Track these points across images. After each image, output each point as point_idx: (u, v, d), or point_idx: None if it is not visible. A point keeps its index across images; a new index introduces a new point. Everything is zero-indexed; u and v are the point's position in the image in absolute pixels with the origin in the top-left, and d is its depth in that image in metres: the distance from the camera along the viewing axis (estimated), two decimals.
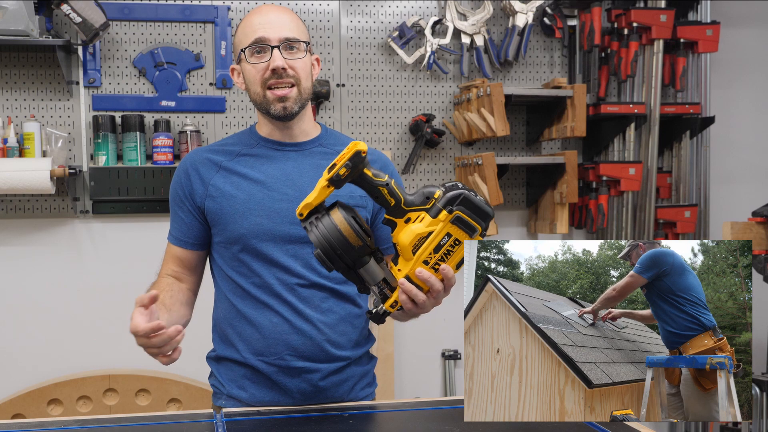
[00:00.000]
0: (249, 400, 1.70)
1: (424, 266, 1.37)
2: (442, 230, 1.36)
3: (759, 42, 3.79)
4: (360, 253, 1.34)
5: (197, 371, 3.03)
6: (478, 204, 1.35)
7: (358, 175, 1.35)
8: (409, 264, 1.37)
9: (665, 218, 3.47)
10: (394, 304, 1.38)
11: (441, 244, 1.36)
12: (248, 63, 1.65)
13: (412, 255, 1.36)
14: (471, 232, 1.36)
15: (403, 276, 1.37)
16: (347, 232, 1.33)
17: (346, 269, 1.36)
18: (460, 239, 1.36)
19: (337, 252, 1.33)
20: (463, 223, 1.35)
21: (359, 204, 1.69)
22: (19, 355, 3.05)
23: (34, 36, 2.81)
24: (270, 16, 1.66)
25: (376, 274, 1.36)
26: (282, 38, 1.64)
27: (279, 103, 1.64)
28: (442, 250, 1.36)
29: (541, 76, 3.48)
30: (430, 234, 1.36)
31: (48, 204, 3.04)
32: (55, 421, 1.60)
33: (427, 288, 1.38)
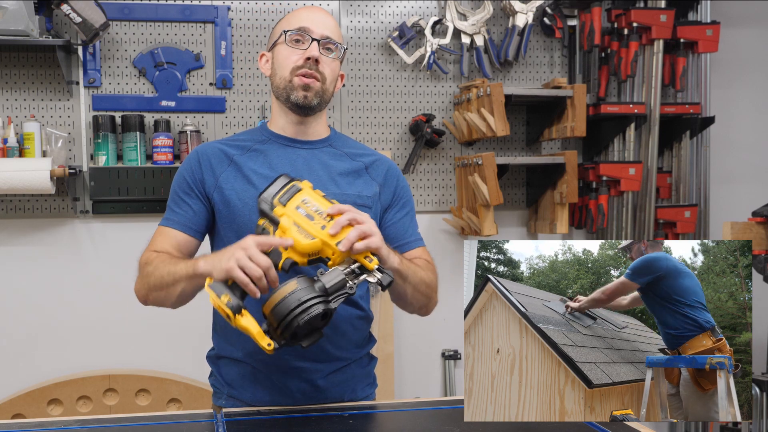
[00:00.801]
0: (249, 400, 1.70)
1: (315, 223, 1.42)
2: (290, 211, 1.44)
3: (759, 42, 3.79)
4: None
5: (197, 371, 3.03)
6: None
7: None
8: (319, 236, 1.40)
9: (665, 218, 3.47)
10: (368, 259, 1.39)
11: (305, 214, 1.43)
12: (286, 45, 1.68)
13: (311, 237, 1.40)
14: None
15: (334, 241, 1.39)
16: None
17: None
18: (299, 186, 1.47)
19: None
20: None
21: (366, 204, 1.71)
22: (19, 355, 3.05)
23: (34, 36, 2.81)
24: (318, 15, 1.72)
25: (339, 279, 1.36)
26: (324, 35, 1.69)
27: (302, 90, 1.67)
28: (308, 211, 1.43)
29: (541, 76, 3.48)
30: (295, 224, 1.41)
31: (48, 204, 3.04)
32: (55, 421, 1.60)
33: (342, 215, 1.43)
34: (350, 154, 1.77)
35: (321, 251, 1.40)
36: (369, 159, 1.78)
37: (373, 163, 1.78)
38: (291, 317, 1.31)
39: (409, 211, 1.79)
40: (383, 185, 1.77)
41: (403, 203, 1.79)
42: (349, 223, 1.41)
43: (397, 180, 1.79)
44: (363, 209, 1.69)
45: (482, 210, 3.17)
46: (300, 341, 1.36)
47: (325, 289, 1.34)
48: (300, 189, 1.45)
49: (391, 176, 1.78)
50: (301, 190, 1.45)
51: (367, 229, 1.41)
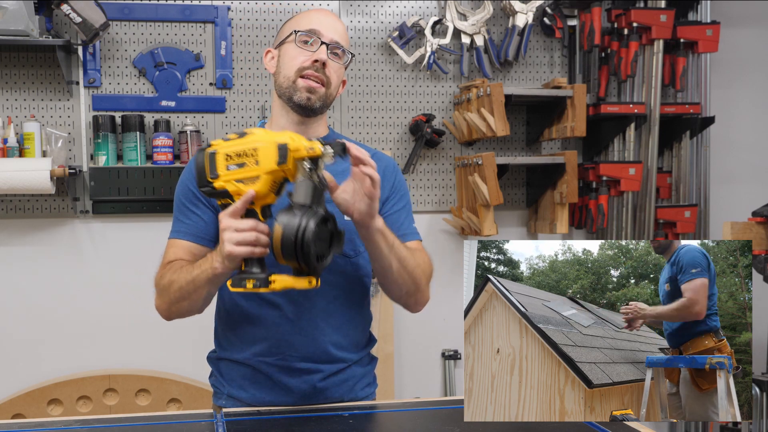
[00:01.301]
0: (249, 400, 1.70)
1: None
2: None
3: (759, 42, 3.79)
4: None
5: (197, 371, 3.03)
6: None
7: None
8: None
9: (665, 218, 3.47)
10: (311, 150, 1.38)
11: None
12: (295, 45, 1.68)
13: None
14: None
15: (274, 163, 1.39)
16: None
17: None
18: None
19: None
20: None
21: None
22: (19, 355, 3.05)
23: (34, 36, 2.81)
24: (330, 19, 1.73)
25: (306, 186, 1.37)
26: (333, 40, 1.69)
27: (306, 92, 1.67)
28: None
29: (541, 76, 3.48)
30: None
31: (48, 204, 3.04)
32: (55, 421, 1.60)
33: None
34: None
35: (274, 180, 1.40)
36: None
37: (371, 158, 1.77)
38: (300, 248, 1.32)
39: (405, 205, 1.80)
40: (382, 180, 1.76)
41: (400, 197, 1.79)
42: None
43: (395, 176, 1.80)
44: None
45: (482, 210, 3.17)
46: (328, 255, 1.39)
47: (302, 204, 1.35)
48: (215, 152, 1.44)
49: (390, 172, 1.79)
50: (216, 152, 1.44)
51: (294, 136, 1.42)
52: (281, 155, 1.36)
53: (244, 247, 1.39)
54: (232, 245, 1.39)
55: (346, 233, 1.67)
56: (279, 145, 1.36)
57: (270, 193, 1.41)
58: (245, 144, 1.41)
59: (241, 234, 1.39)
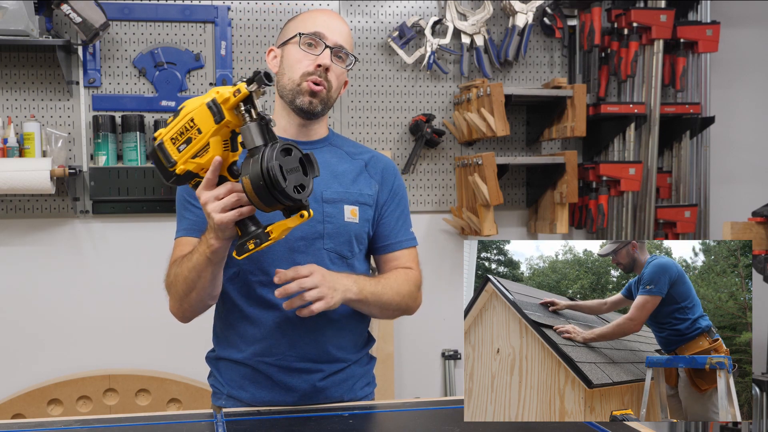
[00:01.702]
0: (249, 400, 1.70)
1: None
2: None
3: (759, 42, 3.79)
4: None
5: (197, 371, 3.03)
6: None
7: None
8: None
9: (665, 218, 3.47)
10: (238, 93, 1.36)
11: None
12: (299, 49, 1.67)
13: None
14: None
15: (212, 127, 1.38)
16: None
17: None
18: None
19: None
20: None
21: (367, 203, 1.73)
22: (19, 355, 3.05)
23: (34, 36, 2.81)
24: (335, 21, 1.71)
25: (251, 129, 1.35)
26: (338, 44, 1.68)
27: (309, 96, 1.66)
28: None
29: (541, 76, 3.48)
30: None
31: (48, 204, 3.04)
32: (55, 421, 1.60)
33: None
34: (349, 152, 1.79)
35: (223, 139, 1.40)
36: (367, 156, 1.79)
37: (371, 161, 1.78)
38: (274, 188, 1.31)
39: (403, 210, 1.80)
40: (381, 183, 1.78)
41: (398, 202, 1.79)
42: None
43: (394, 178, 1.80)
44: (363, 207, 1.71)
45: (482, 210, 3.17)
46: (309, 183, 1.38)
47: (256, 146, 1.33)
48: (162, 141, 1.44)
49: (388, 174, 1.79)
50: (163, 141, 1.44)
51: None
52: (214, 113, 1.35)
53: (231, 211, 1.40)
54: (218, 214, 1.40)
55: (346, 234, 1.68)
56: (208, 105, 1.35)
57: (227, 152, 1.40)
58: (182, 119, 1.40)
59: (222, 201, 1.40)
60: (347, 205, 1.69)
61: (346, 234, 1.69)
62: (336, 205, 1.68)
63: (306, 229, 1.65)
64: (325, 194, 1.68)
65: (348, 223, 1.69)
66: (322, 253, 1.66)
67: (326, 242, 1.67)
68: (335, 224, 1.67)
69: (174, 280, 1.60)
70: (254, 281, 1.66)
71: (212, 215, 1.40)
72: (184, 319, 1.67)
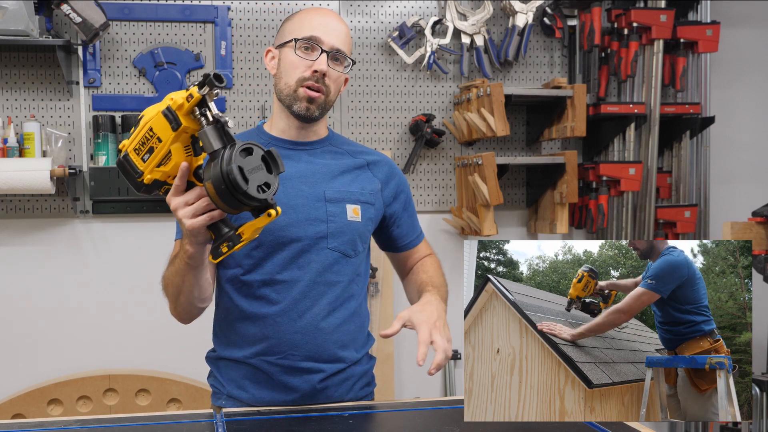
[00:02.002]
0: (249, 400, 1.70)
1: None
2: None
3: (759, 42, 3.79)
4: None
5: (197, 371, 3.03)
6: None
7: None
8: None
9: (665, 218, 3.47)
10: (190, 98, 1.34)
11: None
12: (295, 54, 1.65)
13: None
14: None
15: (171, 135, 1.36)
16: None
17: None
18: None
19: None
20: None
21: (368, 201, 1.73)
22: (19, 355, 3.05)
23: (34, 36, 2.81)
24: (331, 22, 1.68)
25: (209, 133, 1.32)
26: (334, 47, 1.66)
27: (305, 102, 1.65)
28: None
29: (541, 76, 3.48)
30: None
31: (48, 204, 3.04)
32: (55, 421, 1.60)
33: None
34: (350, 151, 1.78)
35: (184, 145, 1.38)
36: (371, 157, 1.79)
37: (376, 162, 1.79)
38: (236, 191, 1.29)
39: (412, 206, 1.86)
40: (385, 183, 1.78)
41: (406, 199, 1.84)
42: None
43: (400, 177, 1.83)
44: (365, 206, 1.72)
45: (482, 210, 3.17)
46: (274, 180, 1.35)
47: (215, 150, 1.31)
48: (126, 153, 1.41)
49: (394, 174, 1.81)
50: (127, 153, 1.41)
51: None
52: (170, 120, 1.33)
53: (201, 216, 1.39)
54: (189, 220, 1.39)
55: (349, 233, 1.68)
56: (164, 113, 1.33)
57: (190, 157, 1.39)
58: (141, 129, 1.38)
59: (193, 206, 1.39)
60: (350, 204, 1.70)
61: (349, 233, 1.69)
62: (338, 204, 1.68)
63: (310, 229, 1.65)
64: (327, 194, 1.68)
65: (351, 222, 1.69)
66: (326, 253, 1.66)
67: (330, 242, 1.67)
68: (338, 223, 1.67)
69: (165, 284, 1.62)
70: (256, 281, 1.66)
71: (183, 221, 1.40)
72: (182, 321, 1.68)
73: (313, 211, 1.66)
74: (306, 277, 1.65)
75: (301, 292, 1.65)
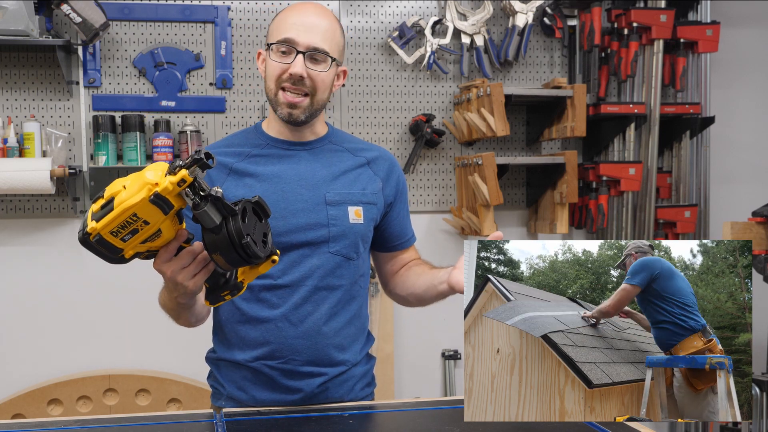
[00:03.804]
0: (249, 401, 1.69)
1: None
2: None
3: (759, 42, 3.79)
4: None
5: (197, 371, 3.03)
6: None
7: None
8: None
9: (665, 218, 3.47)
10: (175, 173, 1.25)
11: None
12: (270, 59, 1.62)
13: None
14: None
15: (152, 212, 1.25)
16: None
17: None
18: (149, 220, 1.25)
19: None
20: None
21: (371, 201, 1.71)
22: (19, 355, 3.05)
23: (34, 36, 2.81)
24: (308, 19, 1.62)
25: (203, 209, 1.26)
26: (310, 46, 1.60)
27: (287, 108, 1.62)
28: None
29: (541, 76, 3.48)
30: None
31: (48, 204, 3.04)
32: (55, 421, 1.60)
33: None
34: (351, 149, 1.75)
35: (172, 221, 1.29)
36: (371, 154, 1.76)
37: (376, 159, 1.76)
38: (247, 256, 1.27)
39: (407, 208, 1.84)
40: (386, 181, 1.76)
41: (404, 200, 1.81)
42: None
43: (400, 176, 1.80)
44: (368, 207, 1.70)
45: (482, 210, 3.17)
46: (268, 230, 1.34)
47: (217, 225, 1.26)
48: (100, 236, 1.27)
49: (395, 172, 1.78)
50: (101, 236, 1.27)
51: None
52: (161, 206, 1.23)
53: (199, 275, 1.34)
54: (190, 280, 1.34)
55: (352, 235, 1.67)
56: (152, 200, 1.22)
57: (177, 228, 1.31)
58: (120, 215, 1.24)
59: (190, 268, 1.33)
60: (351, 206, 1.67)
61: (352, 236, 1.67)
62: (340, 207, 1.66)
63: (311, 234, 1.64)
64: (328, 197, 1.66)
65: (353, 224, 1.67)
66: (328, 257, 1.65)
67: (332, 245, 1.65)
68: (340, 227, 1.66)
69: (162, 306, 1.60)
70: (257, 285, 1.64)
71: (184, 284, 1.34)
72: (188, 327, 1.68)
73: (314, 216, 1.64)
74: (308, 281, 1.64)
75: (303, 296, 1.65)
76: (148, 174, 1.24)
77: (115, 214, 1.24)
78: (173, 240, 1.31)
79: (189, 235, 1.34)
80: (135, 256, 1.32)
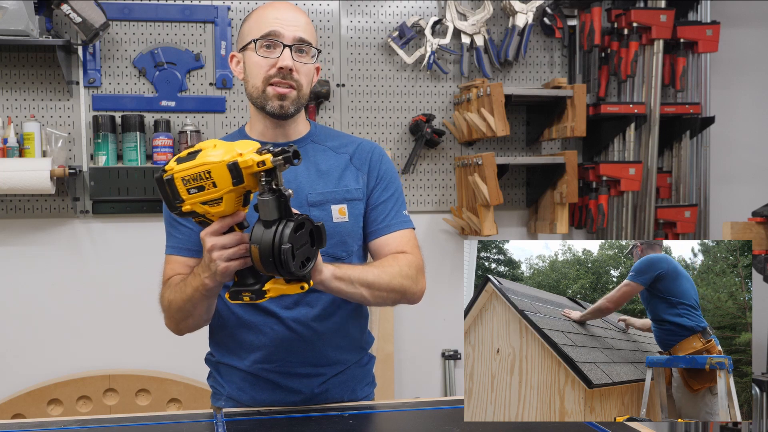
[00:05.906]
0: (249, 402, 1.70)
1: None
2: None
3: (759, 42, 3.79)
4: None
5: (197, 371, 3.02)
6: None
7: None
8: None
9: (665, 218, 3.47)
10: (262, 165, 1.31)
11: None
12: (257, 54, 1.61)
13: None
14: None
15: (230, 185, 1.32)
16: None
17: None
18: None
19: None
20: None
21: (356, 197, 1.69)
22: (19, 355, 3.05)
23: (34, 36, 2.81)
24: (288, 14, 1.63)
25: (269, 202, 1.31)
26: (296, 38, 1.61)
27: (278, 100, 1.61)
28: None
29: (541, 76, 3.48)
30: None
31: (48, 204, 3.04)
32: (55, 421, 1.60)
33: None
34: (333, 147, 1.73)
35: (237, 196, 1.35)
36: (351, 148, 1.73)
37: (355, 152, 1.73)
38: (279, 264, 1.29)
39: (393, 193, 1.73)
40: (368, 172, 1.72)
41: (387, 185, 1.73)
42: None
43: (380, 163, 1.74)
44: (353, 203, 1.67)
45: (482, 210, 3.17)
46: (314, 256, 1.36)
47: (270, 221, 1.30)
48: (172, 177, 1.36)
49: (375, 160, 1.73)
50: (173, 177, 1.36)
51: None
52: (234, 176, 1.30)
53: (236, 261, 1.38)
54: (224, 262, 1.37)
55: (337, 234, 1.66)
56: (229, 166, 1.29)
57: (238, 207, 1.37)
58: (198, 167, 1.33)
59: (230, 250, 1.37)
60: (334, 205, 1.66)
61: (337, 235, 1.65)
62: (323, 207, 1.65)
63: None
64: (310, 197, 1.65)
65: (338, 223, 1.65)
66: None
67: None
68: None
69: (169, 306, 1.59)
70: None
71: (217, 262, 1.38)
72: (179, 334, 1.67)
73: None
74: None
75: (295, 299, 1.64)
76: (238, 145, 1.32)
77: (194, 164, 1.33)
78: (229, 216, 1.37)
79: (245, 223, 1.39)
80: (191, 214, 1.39)
